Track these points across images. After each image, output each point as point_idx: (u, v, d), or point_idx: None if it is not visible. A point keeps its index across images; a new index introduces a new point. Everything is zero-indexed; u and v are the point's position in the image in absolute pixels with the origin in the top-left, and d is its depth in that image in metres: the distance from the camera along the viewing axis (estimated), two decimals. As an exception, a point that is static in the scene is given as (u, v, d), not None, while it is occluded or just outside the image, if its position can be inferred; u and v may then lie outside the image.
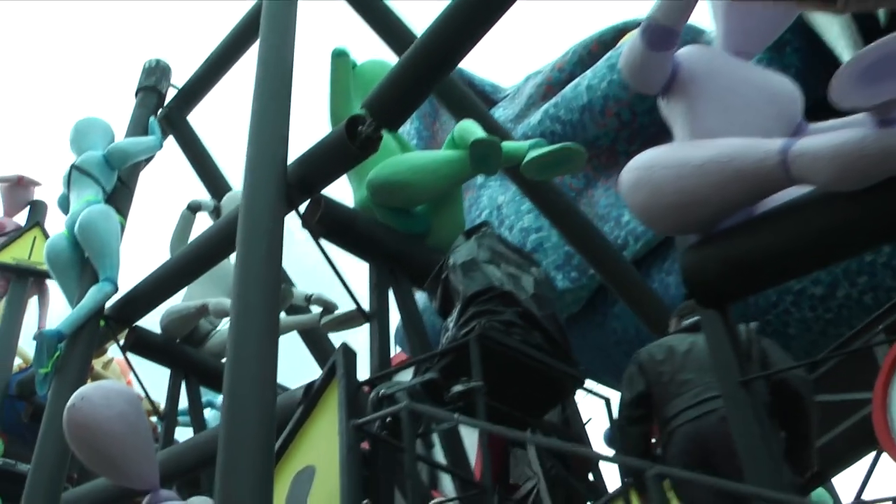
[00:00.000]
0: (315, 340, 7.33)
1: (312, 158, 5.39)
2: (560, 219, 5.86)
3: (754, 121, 3.47)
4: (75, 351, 7.09)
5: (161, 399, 7.70)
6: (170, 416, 7.36)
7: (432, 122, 9.47)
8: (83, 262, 7.18)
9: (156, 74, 8.46)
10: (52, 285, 10.02)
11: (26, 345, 9.54)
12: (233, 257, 8.17)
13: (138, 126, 7.90)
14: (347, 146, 5.14)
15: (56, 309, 10.07)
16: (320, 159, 5.35)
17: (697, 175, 3.32)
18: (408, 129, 9.11)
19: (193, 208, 7.92)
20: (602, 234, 6.11)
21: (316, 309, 7.17)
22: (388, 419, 4.28)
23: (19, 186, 10.38)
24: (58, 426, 6.83)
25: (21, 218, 10.40)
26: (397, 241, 5.69)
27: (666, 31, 3.56)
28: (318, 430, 4.96)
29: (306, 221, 5.47)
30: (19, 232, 9.98)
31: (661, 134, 7.78)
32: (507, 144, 5.50)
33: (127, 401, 4.86)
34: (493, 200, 8.41)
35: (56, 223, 10.02)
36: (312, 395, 5.09)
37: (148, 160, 7.92)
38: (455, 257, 4.98)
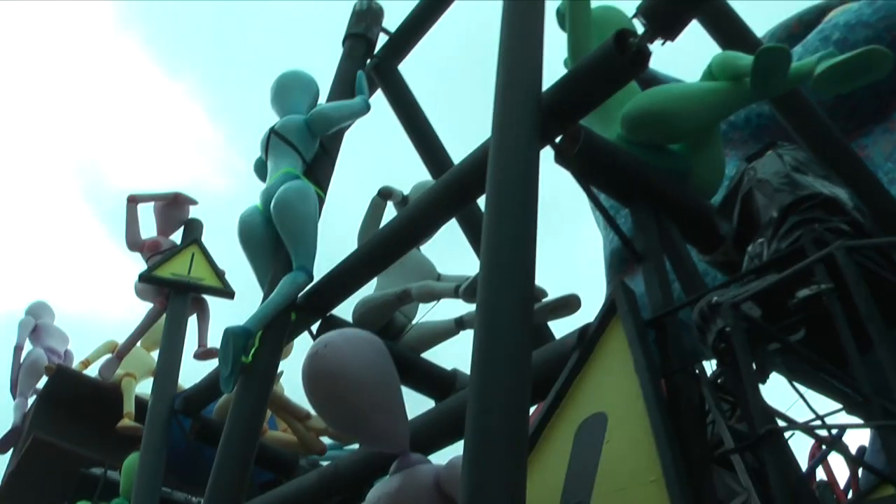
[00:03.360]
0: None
1: (572, 81, 4.79)
2: (836, 163, 5.18)
3: None
4: (263, 347, 6.56)
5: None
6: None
7: None
8: (277, 241, 6.66)
9: (366, 19, 7.82)
10: (212, 302, 9.63)
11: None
12: (423, 247, 7.75)
13: (345, 80, 7.32)
14: (616, 61, 4.53)
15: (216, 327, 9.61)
16: (582, 81, 4.75)
17: None
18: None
19: (385, 195, 7.37)
20: (881, 183, 5.41)
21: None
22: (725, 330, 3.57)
23: (175, 205, 10.01)
24: (241, 431, 6.33)
25: (176, 238, 10.01)
26: (661, 180, 5.05)
27: None
28: (601, 374, 4.33)
29: (562, 155, 4.87)
30: (177, 249, 9.58)
31: (881, 109, 7.22)
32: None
33: (376, 348, 4.26)
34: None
35: (213, 243, 9.65)
36: (589, 338, 4.45)
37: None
38: (756, 172, 4.33)
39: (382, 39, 7.87)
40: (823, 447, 3.72)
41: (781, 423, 3.27)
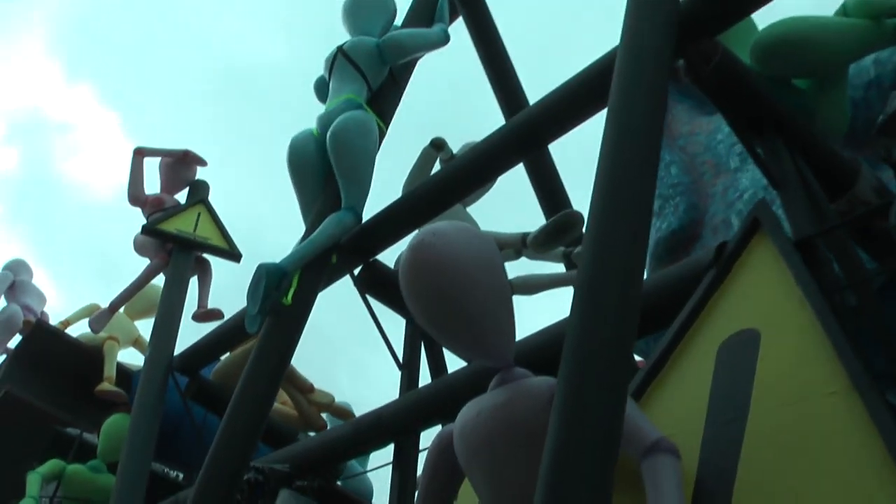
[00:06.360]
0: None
1: (716, -11, 4.40)
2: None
3: None
4: (297, 289, 6.01)
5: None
6: (411, 367, 6.17)
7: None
8: (328, 172, 6.12)
9: None
10: (215, 263, 9.05)
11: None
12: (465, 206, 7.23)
13: (425, 2, 6.80)
14: (774, -37, 4.15)
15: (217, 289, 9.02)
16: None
17: None
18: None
19: (437, 145, 6.86)
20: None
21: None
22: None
23: (183, 163, 9.45)
24: (261, 378, 5.78)
25: (181, 198, 9.44)
26: (792, 114, 4.66)
27: None
28: (747, 291, 3.90)
29: (695, 67, 4.45)
30: (182, 207, 9.03)
31: None
32: None
33: (489, 245, 3.74)
34: (757, 181, 7.38)
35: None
36: (728, 256, 4.01)
37: (425, 52, 6.74)
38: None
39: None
40: None
41: None
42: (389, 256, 6.59)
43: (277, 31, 27.09)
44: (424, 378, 6.28)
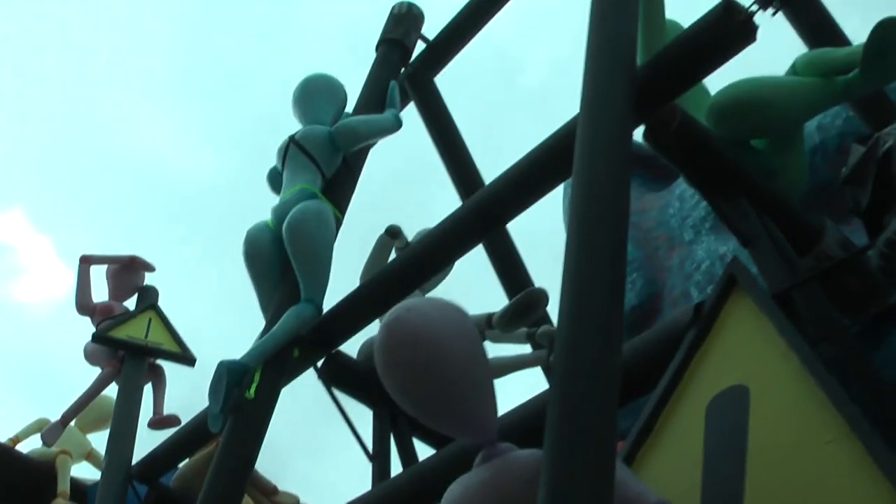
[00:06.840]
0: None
1: (672, 53, 4.44)
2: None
3: None
4: (260, 385, 5.86)
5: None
6: (381, 458, 6.00)
7: None
8: (285, 264, 6.01)
9: (405, 24, 7.12)
10: (169, 369, 8.84)
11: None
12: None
13: (375, 89, 6.74)
14: (725, 28, 4.19)
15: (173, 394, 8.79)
16: (684, 53, 4.40)
17: None
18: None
19: (392, 233, 6.79)
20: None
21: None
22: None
23: (130, 269, 9.28)
24: (226, 480, 5.61)
25: (130, 305, 9.24)
26: (754, 173, 4.69)
27: None
28: (730, 347, 3.87)
29: (657, 135, 4.47)
30: (132, 313, 8.84)
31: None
32: None
33: (462, 315, 3.64)
34: (713, 252, 7.42)
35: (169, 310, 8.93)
36: (706, 315, 3.98)
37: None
38: (893, 138, 4.02)
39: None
40: None
41: None
42: (352, 347, 6.46)
43: (204, 146, 26.98)
44: (395, 468, 6.11)
